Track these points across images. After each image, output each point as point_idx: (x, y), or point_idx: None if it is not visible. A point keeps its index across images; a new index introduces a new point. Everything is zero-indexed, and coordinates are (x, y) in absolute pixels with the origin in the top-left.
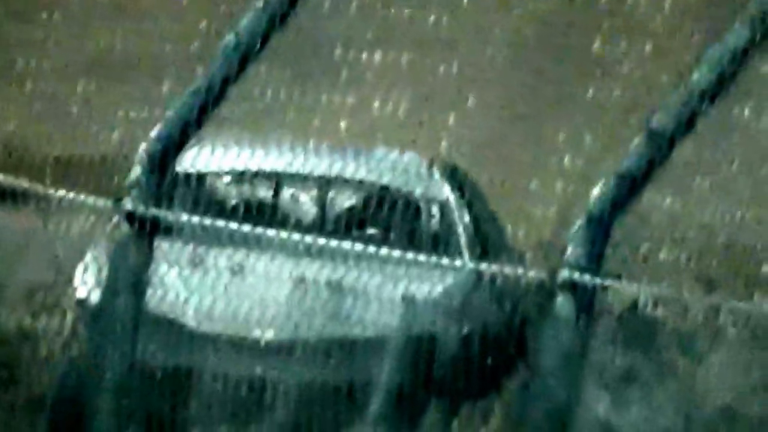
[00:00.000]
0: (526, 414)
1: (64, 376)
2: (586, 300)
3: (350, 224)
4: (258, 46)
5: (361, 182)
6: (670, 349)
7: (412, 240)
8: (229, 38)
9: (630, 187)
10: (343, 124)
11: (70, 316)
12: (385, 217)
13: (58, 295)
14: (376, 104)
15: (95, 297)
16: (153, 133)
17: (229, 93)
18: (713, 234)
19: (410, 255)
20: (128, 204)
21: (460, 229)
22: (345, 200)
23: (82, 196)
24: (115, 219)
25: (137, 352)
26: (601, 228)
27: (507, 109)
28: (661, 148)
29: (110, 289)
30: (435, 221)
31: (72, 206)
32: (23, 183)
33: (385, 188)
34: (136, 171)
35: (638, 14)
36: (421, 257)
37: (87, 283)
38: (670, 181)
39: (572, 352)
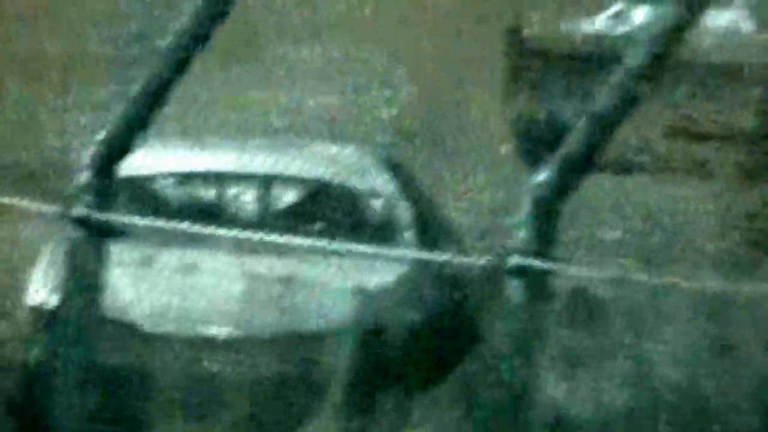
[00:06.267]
0: (482, 397)
1: (23, 379)
2: (536, 284)
3: (294, 220)
4: (196, 47)
5: (301, 178)
6: (618, 329)
7: (355, 232)
8: (168, 40)
9: (573, 171)
10: (279, 119)
11: (25, 321)
12: (327, 211)
13: (13, 301)
14: (311, 98)
15: (50, 301)
16: (98, 138)
17: (169, 94)
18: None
19: (357, 247)
20: (78, 209)
21: (403, 219)
22: (287, 197)
23: (32, 203)
24: (67, 224)
25: (94, 355)
26: (546, 212)
27: (436, 99)
28: (602, 130)
29: (65, 294)
30: (377, 212)
31: (23, 213)
32: None
33: (325, 183)
34: (84, 176)
35: None
36: (368, 249)
37: (41, 287)
38: (610, 163)
39: (525, 335)
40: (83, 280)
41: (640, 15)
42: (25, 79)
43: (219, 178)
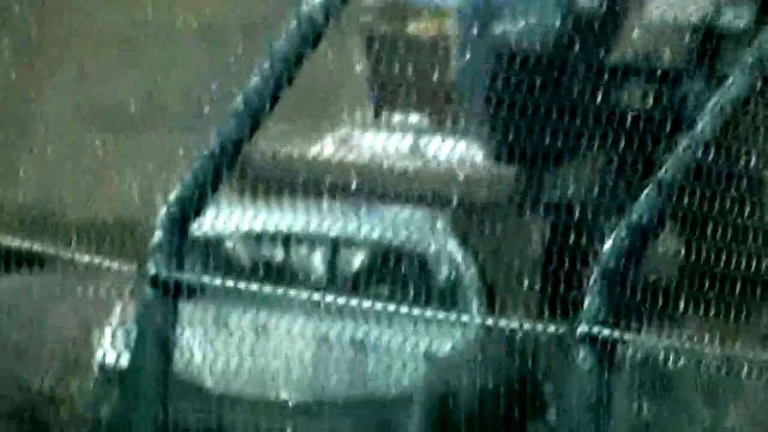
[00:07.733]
0: None
1: None
2: (605, 352)
3: (363, 283)
4: (268, 105)
5: (369, 241)
6: (690, 401)
7: (423, 296)
8: (240, 98)
9: (642, 238)
10: (353, 179)
11: (96, 381)
12: (395, 275)
13: (85, 360)
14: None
15: (122, 361)
16: (171, 197)
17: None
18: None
19: (428, 312)
20: (151, 268)
21: (472, 285)
22: (356, 260)
23: (105, 261)
24: (140, 283)
25: (165, 416)
26: (616, 279)
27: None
28: (670, 197)
29: (136, 353)
30: (445, 277)
31: (96, 270)
32: (49, 248)
33: (393, 246)
34: (158, 235)
35: None
36: (439, 314)
37: (113, 347)
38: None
39: (595, 404)
40: (155, 340)
41: (369, 140)
42: (101, 136)
43: (289, 239)
